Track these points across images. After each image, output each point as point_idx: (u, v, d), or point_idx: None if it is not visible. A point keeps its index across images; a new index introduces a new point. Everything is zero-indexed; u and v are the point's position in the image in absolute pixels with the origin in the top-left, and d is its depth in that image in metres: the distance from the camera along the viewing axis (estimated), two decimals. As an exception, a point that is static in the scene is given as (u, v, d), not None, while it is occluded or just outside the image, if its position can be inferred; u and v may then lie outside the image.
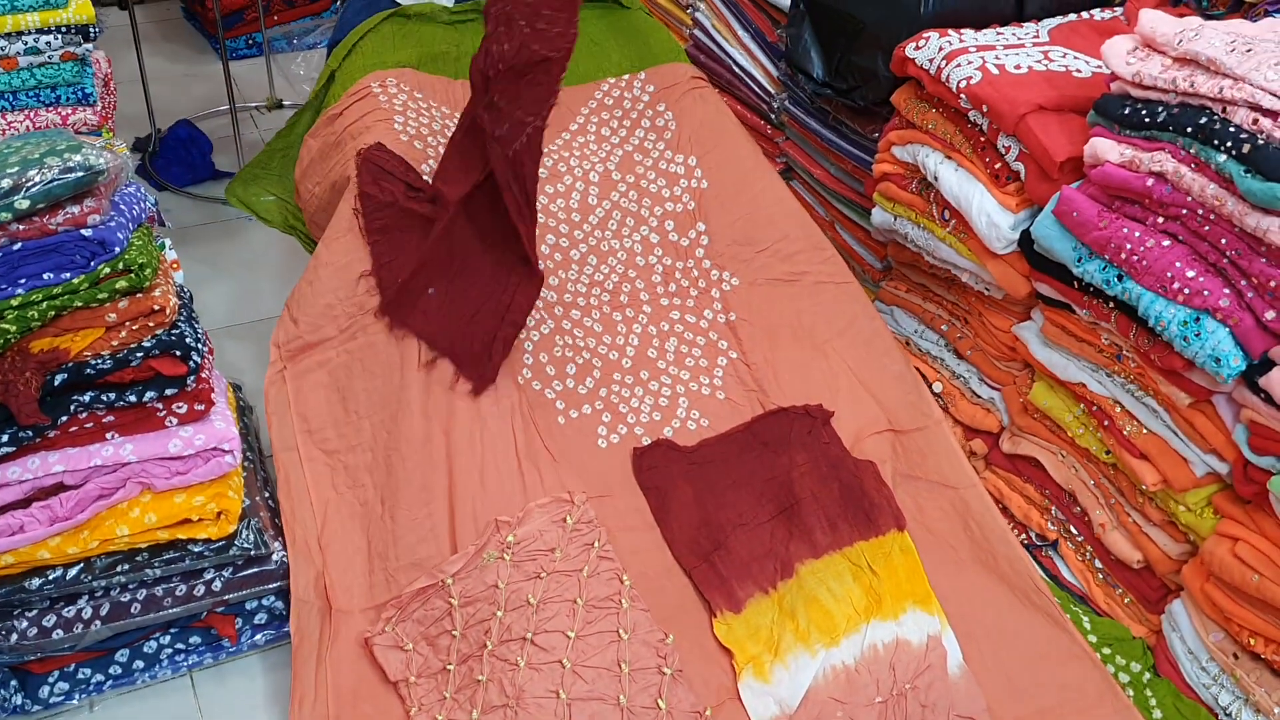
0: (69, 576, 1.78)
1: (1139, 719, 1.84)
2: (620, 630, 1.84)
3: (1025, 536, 2.18)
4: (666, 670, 1.80)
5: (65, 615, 1.80)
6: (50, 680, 1.84)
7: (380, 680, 1.82)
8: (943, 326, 2.39)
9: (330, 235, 2.20)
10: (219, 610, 1.92)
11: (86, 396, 1.73)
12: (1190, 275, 1.72)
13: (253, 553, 1.88)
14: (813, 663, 1.84)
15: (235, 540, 1.87)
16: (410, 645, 1.83)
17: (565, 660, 1.78)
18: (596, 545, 1.95)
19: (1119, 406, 1.96)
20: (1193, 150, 1.71)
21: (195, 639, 1.92)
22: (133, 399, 1.75)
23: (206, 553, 1.85)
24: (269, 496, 2.05)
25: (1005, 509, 2.21)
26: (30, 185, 1.59)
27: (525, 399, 2.15)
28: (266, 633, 1.97)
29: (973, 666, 1.88)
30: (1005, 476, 2.23)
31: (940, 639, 1.90)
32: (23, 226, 1.62)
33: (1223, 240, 1.69)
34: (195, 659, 1.94)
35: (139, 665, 1.90)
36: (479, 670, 1.78)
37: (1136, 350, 1.87)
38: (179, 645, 1.92)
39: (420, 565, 1.90)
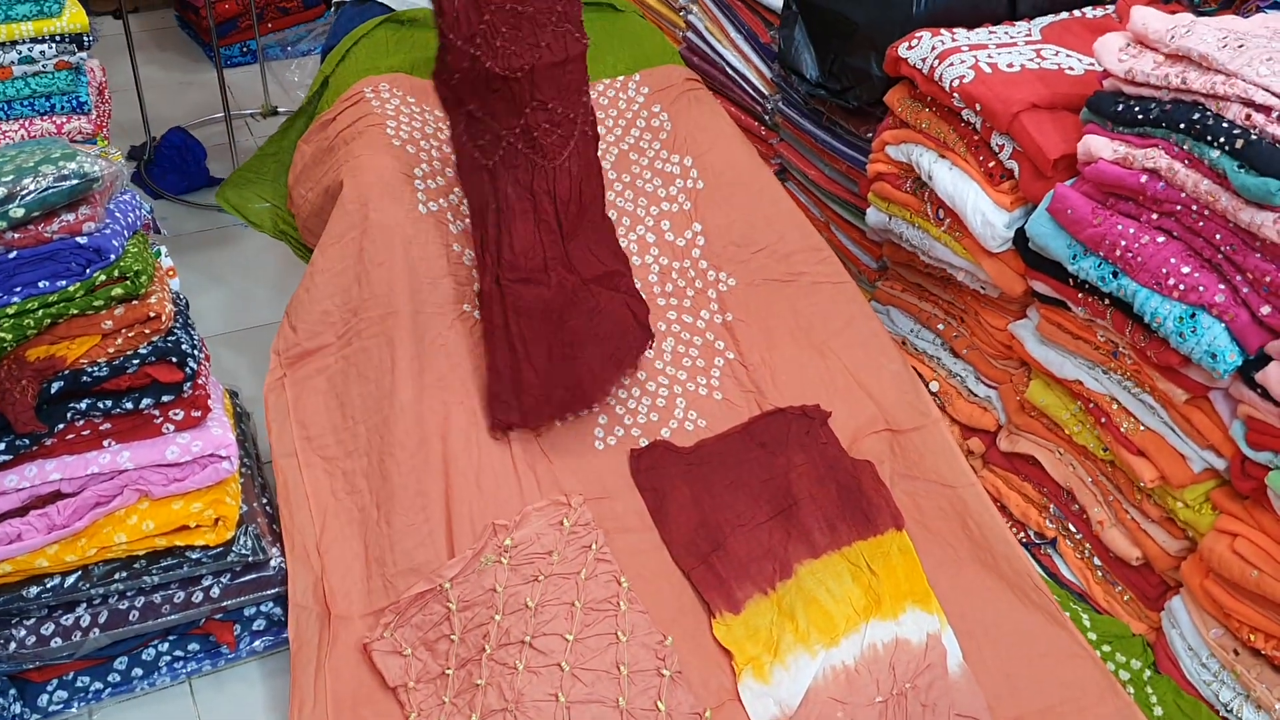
0: (67, 584, 1.78)
1: (1140, 716, 1.83)
2: (619, 632, 1.83)
3: (1024, 535, 2.18)
4: (666, 672, 1.80)
5: (64, 623, 1.80)
6: (49, 689, 1.84)
7: (379, 686, 1.82)
8: (939, 325, 2.39)
9: (325, 241, 2.20)
10: (217, 617, 1.92)
11: (83, 404, 1.72)
12: (1185, 271, 1.72)
13: (251, 559, 1.88)
14: (812, 663, 1.84)
15: (233, 546, 1.86)
16: (409, 650, 1.83)
17: (564, 663, 1.78)
18: (594, 547, 1.94)
19: (1116, 403, 1.96)
20: (1186, 146, 1.71)
21: (194, 646, 1.92)
22: (129, 406, 1.75)
23: (204, 559, 1.84)
24: (267, 503, 2.05)
25: (1003, 507, 2.21)
26: (25, 193, 1.59)
27: (522, 402, 2.14)
28: (265, 639, 1.97)
29: (972, 665, 1.88)
30: (1003, 475, 2.23)
31: (940, 638, 1.90)
32: (18, 235, 1.62)
33: (1217, 236, 1.69)
34: (194, 666, 1.94)
35: (138, 673, 1.89)
36: (478, 674, 1.77)
37: (1133, 347, 1.87)
38: (177, 652, 1.92)
39: (418, 570, 1.90)
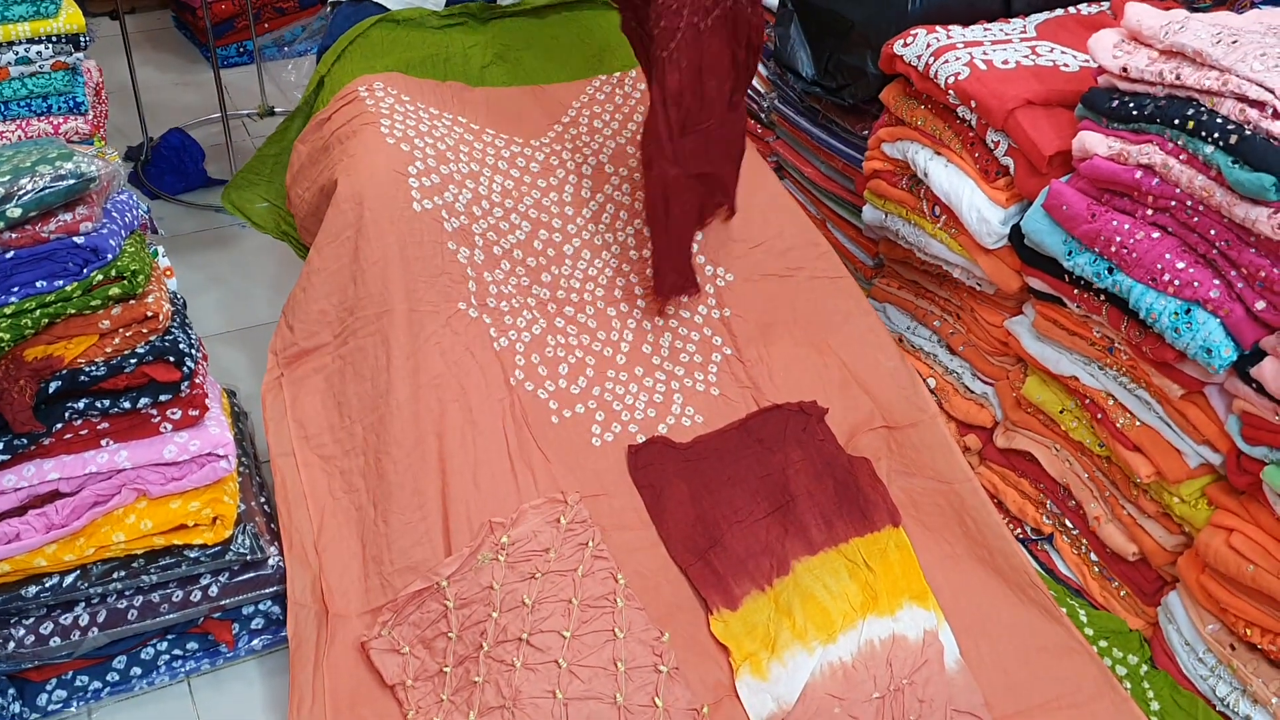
0: (65, 584, 1.78)
1: (1136, 711, 1.83)
2: (616, 629, 1.84)
3: (1020, 531, 2.18)
4: (663, 668, 1.80)
5: (62, 623, 1.80)
6: (48, 688, 1.84)
7: (377, 684, 1.82)
8: (935, 323, 2.39)
9: (321, 241, 2.19)
10: (216, 616, 1.92)
11: (81, 404, 1.72)
12: (1180, 267, 1.72)
13: (249, 558, 1.88)
14: (810, 660, 1.84)
15: (231, 545, 1.86)
16: (407, 648, 1.83)
17: (561, 660, 1.78)
18: (591, 545, 1.95)
19: (1111, 399, 1.96)
20: (1180, 142, 1.72)
21: (192, 645, 1.92)
22: (127, 405, 1.75)
23: (203, 558, 1.84)
24: (265, 501, 2.05)
25: (1000, 504, 2.21)
26: (22, 193, 1.59)
27: (518, 400, 2.14)
28: (264, 638, 1.97)
29: (969, 661, 1.88)
30: (1000, 471, 2.24)
31: (936, 634, 1.90)
32: (15, 235, 1.62)
33: (1212, 231, 1.69)
34: (193, 665, 1.94)
35: (136, 672, 1.90)
36: (475, 672, 1.77)
37: (1128, 343, 1.87)
38: (176, 651, 1.92)
39: (415, 569, 1.90)
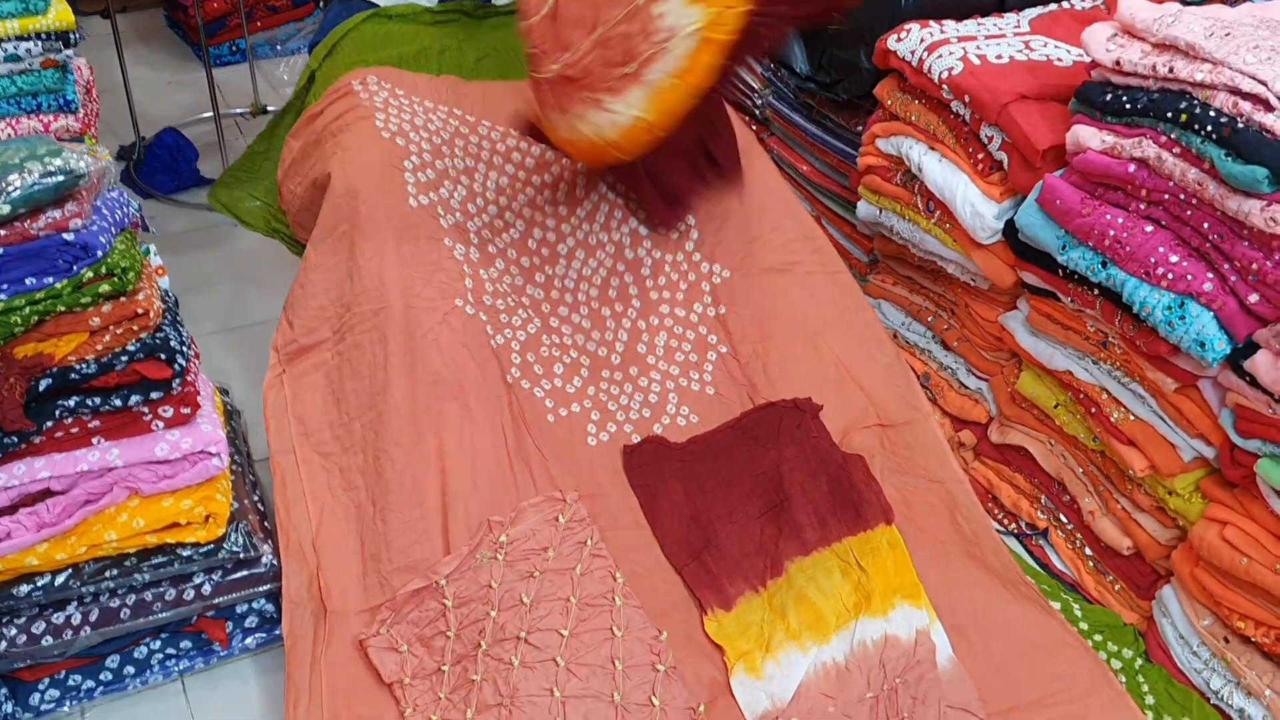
0: (57, 583, 1.77)
1: (1132, 706, 1.83)
2: (614, 627, 1.83)
3: (1015, 525, 2.19)
4: (660, 667, 1.80)
5: (55, 622, 1.79)
6: (41, 688, 1.84)
7: (375, 682, 1.81)
8: (929, 318, 2.39)
9: (317, 236, 2.19)
10: (209, 614, 1.91)
11: (72, 401, 1.72)
12: (1173, 260, 1.72)
13: (242, 556, 1.87)
14: (804, 660, 1.84)
15: (224, 544, 1.86)
16: (405, 647, 1.83)
17: (559, 658, 1.77)
18: (589, 543, 1.94)
19: (1106, 393, 1.96)
20: (1174, 135, 1.72)
21: (186, 643, 1.92)
22: (118, 403, 1.74)
23: (195, 556, 1.84)
24: (258, 500, 2.04)
25: (995, 499, 2.22)
26: (11, 190, 1.58)
27: (514, 398, 2.14)
28: (257, 636, 1.96)
29: (963, 658, 1.87)
30: (994, 466, 2.24)
31: (929, 632, 1.89)
32: (4, 231, 1.61)
33: (1205, 224, 1.69)
34: (186, 663, 1.93)
35: (130, 671, 1.89)
36: (473, 670, 1.77)
37: (1122, 336, 1.87)
38: (170, 650, 1.91)
39: (414, 567, 1.89)
